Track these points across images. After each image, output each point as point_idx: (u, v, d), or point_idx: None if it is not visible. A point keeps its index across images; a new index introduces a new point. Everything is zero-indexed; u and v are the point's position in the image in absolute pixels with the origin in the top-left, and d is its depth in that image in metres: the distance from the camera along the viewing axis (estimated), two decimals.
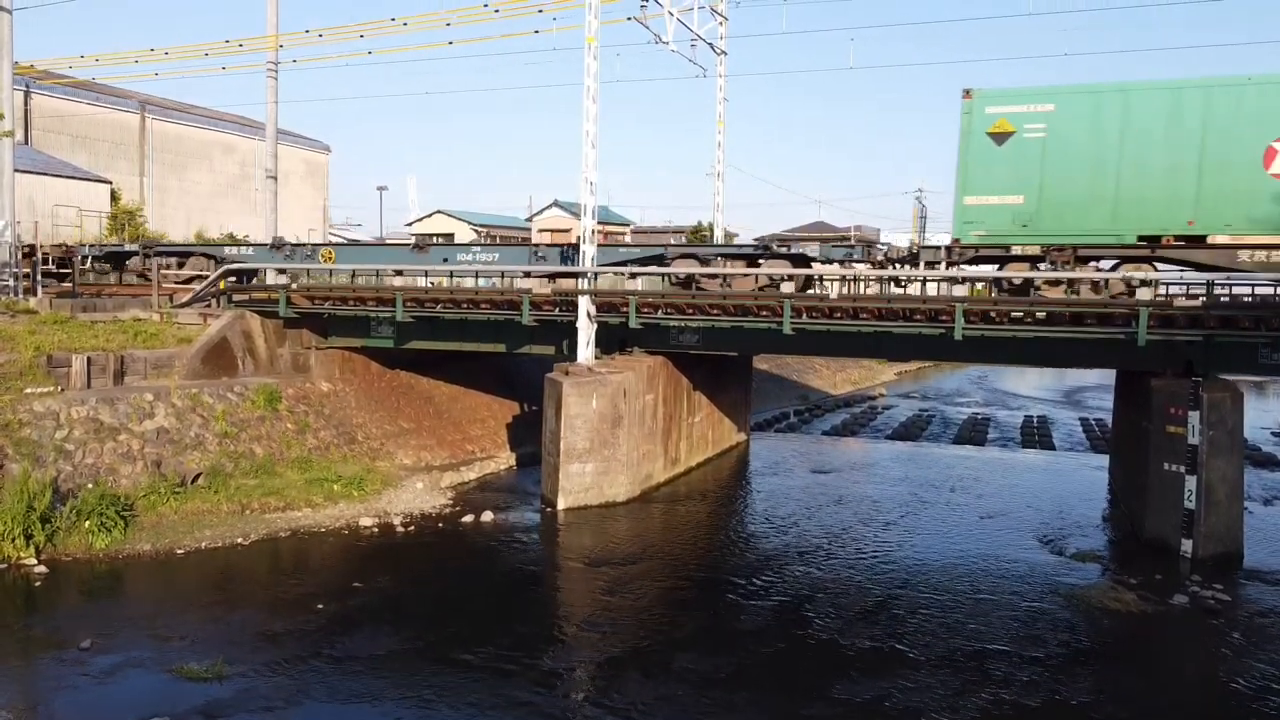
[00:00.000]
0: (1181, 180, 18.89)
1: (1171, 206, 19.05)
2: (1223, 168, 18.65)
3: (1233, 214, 18.70)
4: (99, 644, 12.29)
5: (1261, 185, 18.39)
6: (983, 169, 20.11)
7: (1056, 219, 19.65)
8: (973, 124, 20.14)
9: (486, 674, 11.84)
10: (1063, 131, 19.55)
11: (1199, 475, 17.25)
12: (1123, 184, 19.25)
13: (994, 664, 12.57)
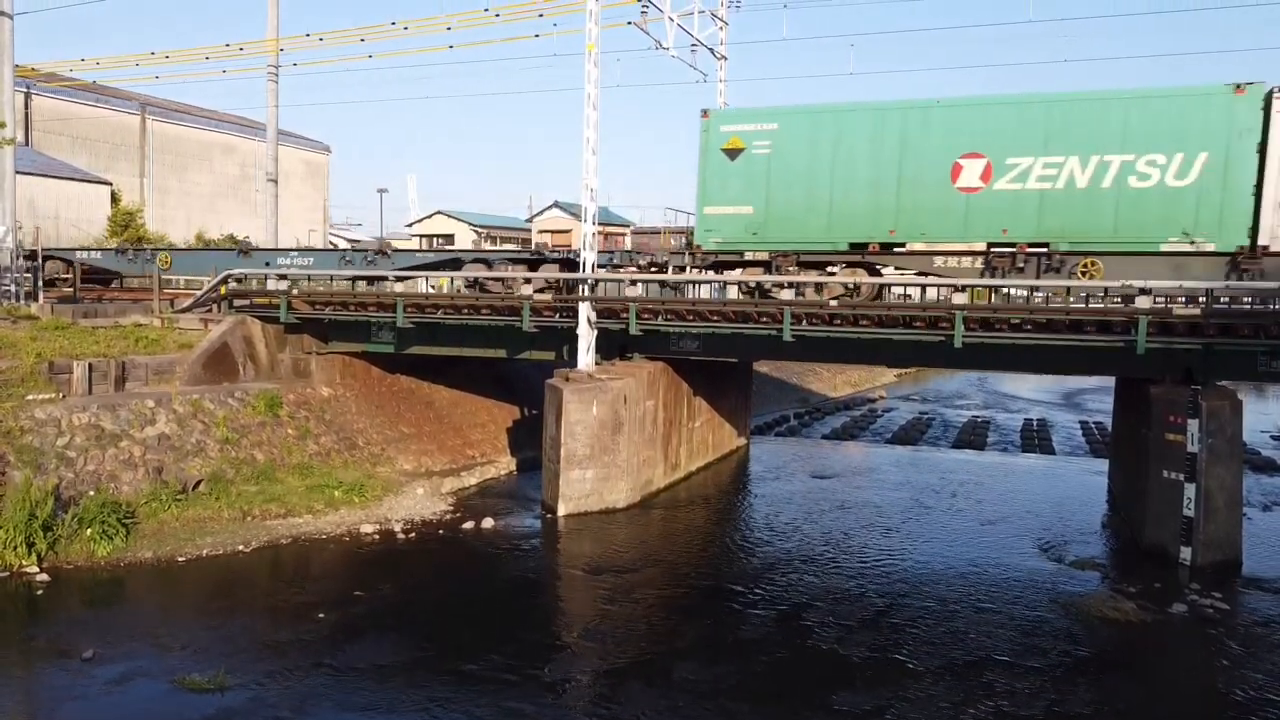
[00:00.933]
0: (884, 194, 20.92)
1: (876, 217, 21.03)
2: (917, 182, 20.65)
3: (926, 224, 20.72)
4: (101, 654, 12.33)
5: (950, 198, 20.43)
6: (719, 182, 22.09)
7: (781, 228, 21.63)
8: (710, 141, 22.13)
9: (488, 684, 11.88)
10: (785, 149, 21.51)
11: (1198, 483, 17.28)
12: (835, 197, 21.29)
13: (994, 674, 12.61)
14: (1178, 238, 18.99)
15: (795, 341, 20.12)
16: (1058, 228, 19.77)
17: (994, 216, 20.22)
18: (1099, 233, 19.56)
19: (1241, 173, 18.58)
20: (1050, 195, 19.80)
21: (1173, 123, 18.99)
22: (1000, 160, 20.07)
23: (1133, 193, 19.26)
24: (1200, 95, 18.89)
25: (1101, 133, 19.41)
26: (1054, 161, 19.69)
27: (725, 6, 27.59)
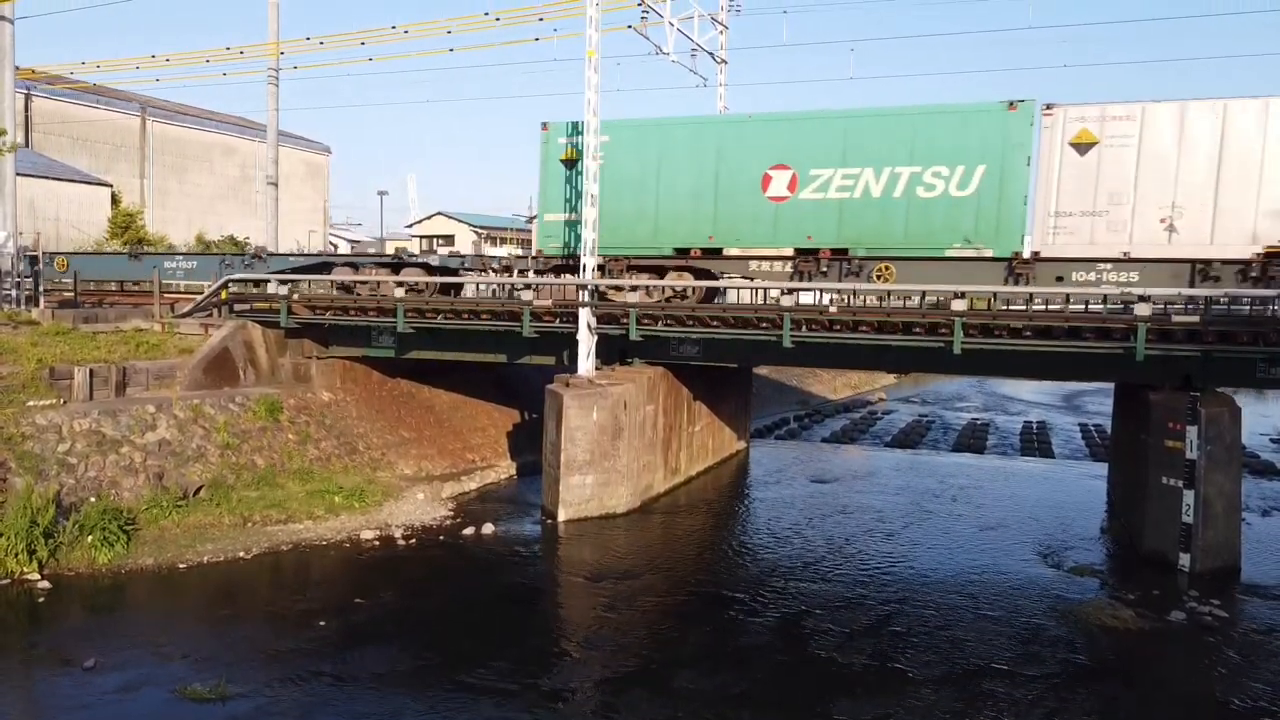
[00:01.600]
0: (703, 202, 22.26)
1: (696, 224, 22.38)
2: (732, 192, 21.99)
3: (741, 230, 22.07)
4: (103, 663, 12.36)
5: (761, 207, 21.80)
6: (557, 190, 23.50)
7: (613, 234, 22.70)
8: (549, 152, 23.55)
9: (489, 694, 11.92)
10: (616, 159, 22.54)
11: (1197, 490, 17.32)
12: (661, 205, 22.61)
13: (993, 682, 12.65)
14: (961, 244, 20.38)
15: (795, 347, 20.16)
16: (855, 235, 21.12)
17: (800, 224, 21.56)
18: (892, 239, 20.92)
19: (1015, 184, 20.03)
20: (849, 204, 21.18)
21: (955, 138, 20.35)
22: (805, 172, 21.41)
23: (921, 202, 20.64)
24: (978, 112, 20.26)
25: (893, 147, 20.73)
26: (851, 173, 21.07)
27: (725, 11, 27.62)
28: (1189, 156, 19.08)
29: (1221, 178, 18.87)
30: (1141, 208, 19.35)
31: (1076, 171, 19.75)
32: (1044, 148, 19.94)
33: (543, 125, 23.77)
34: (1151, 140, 19.26)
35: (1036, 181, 20.04)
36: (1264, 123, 18.65)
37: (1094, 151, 19.59)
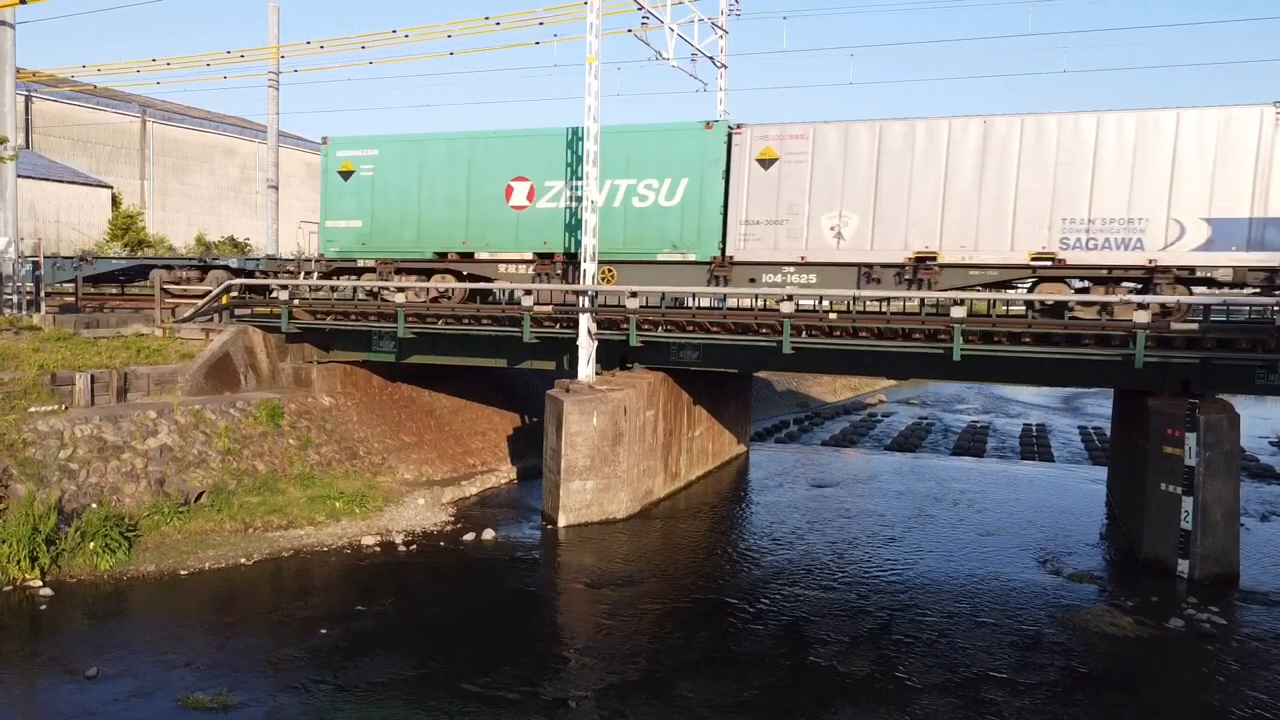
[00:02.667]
0: (457, 210, 24.39)
1: (452, 230, 24.48)
2: (482, 201, 24.15)
3: (489, 236, 24.23)
4: (105, 672, 12.40)
5: (505, 215, 23.98)
6: (336, 200, 25.63)
7: (383, 239, 25.19)
8: (328, 164, 25.85)
9: (489, 703, 11.95)
10: (384, 171, 25.13)
11: (1196, 496, 17.37)
12: (422, 212, 24.75)
13: (992, 690, 12.69)
14: (669, 250, 22.54)
15: (795, 353, 20.21)
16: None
17: (538, 231, 23.71)
18: (613, 245, 22.80)
19: (712, 196, 22.17)
20: (569, 211, 23.33)
21: (663, 154, 22.51)
22: (541, 183, 23.58)
23: (636, 211, 22.79)
24: (681, 130, 22.49)
25: (614, 161, 22.56)
26: (575, 185, 23.04)
27: (725, 16, 27.66)
28: (852, 172, 21.22)
29: (879, 192, 21.09)
30: (814, 217, 21.55)
31: (762, 185, 21.82)
32: (735, 163, 21.96)
33: (323, 140, 26.24)
34: (822, 157, 21.46)
35: (730, 193, 22.04)
36: (911, 142, 20.87)
37: (776, 167, 21.73)
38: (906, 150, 20.91)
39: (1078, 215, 19.87)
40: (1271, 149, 18.67)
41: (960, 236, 20.58)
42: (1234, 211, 18.92)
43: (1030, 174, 20.13)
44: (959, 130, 20.64)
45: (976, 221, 20.49)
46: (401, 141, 25.36)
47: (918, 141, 20.86)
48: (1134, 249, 19.52)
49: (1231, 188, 18.90)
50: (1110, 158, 19.64)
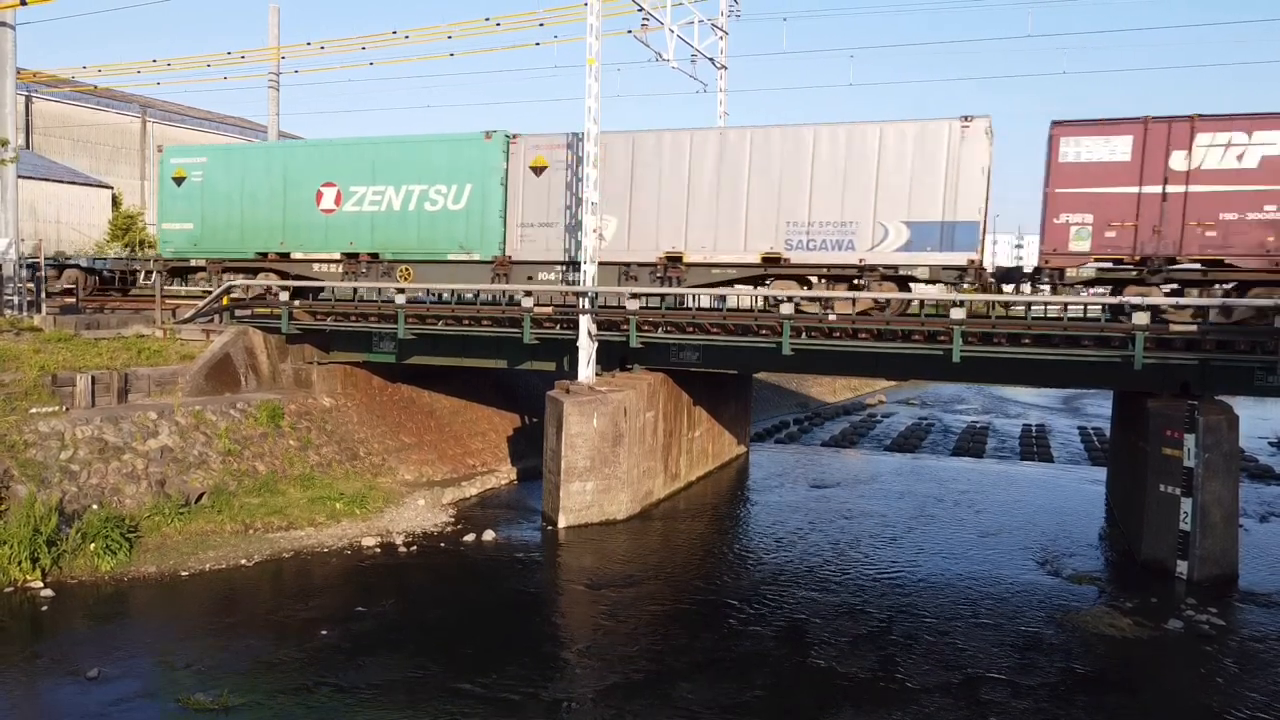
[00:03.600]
0: (275, 213, 26.15)
1: (272, 232, 26.24)
2: (296, 205, 25.91)
3: (303, 238, 25.95)
4: (106, 673, 12.42)
5: (316, 218, 25.77)
6: (171, 204, 27.30)
7: (212, 240, 26.83)
8: (164, 171, 27.41)
9: (489, 704, 11.98)
10: (212, 177, 26.86)
11: (1195, 498, 17.40)
12: (245, 216, 26.48)
13: (991, 691, 12.72)
14: (457, 250, 24.24)
15: (794, 354, 20.24)
16: (384, 242, 24.97)
17: (344, 232, 25.46)
18: (409, 246, 24.78)
19: (493, 200, 23.84)
20: (378, 216, 25.05)
21: (451, 161, 24.24)
22: (347, 189, 25.34)
23: (428, 215, 24.52)
24: (466, 140, 24.26)
25: (408, 168, 24.64)
26: (379, 190, 24.98)
27: (725, 17, 27.68)
28: (611, 180, 22.60)
29: (634, 197, 22.74)
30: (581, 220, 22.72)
31: (535, 190, 23.59)
32: (513, 171, 23.75)
33: (158, 148, 28.66)
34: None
35: (509, 198, 23.80)
36: (660, 152, 22.54)
37: (546, 174, 23.48)
38: (656, 159, 22.61)
39: (799, 219, 21.53)
40: (959, 159, 20.26)
41: (702, 238, 22.27)
42: (929, 216, 20.56)
43: (759, 182, 21.80)
44: (699, 141, 22.34)
45: (715, 225, 22.17)
46: (226, 150, 28.71)
47: (665, 152, 22.55)
48: (847, 250, 21.20)
49: (927, 194, 20.52)
50: (826, 167, 21.31)
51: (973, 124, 20.17)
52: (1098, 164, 19.62)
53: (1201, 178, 18.96)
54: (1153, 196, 19.24)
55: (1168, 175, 19.03)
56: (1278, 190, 18.56)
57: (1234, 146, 18.80)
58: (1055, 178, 19.92)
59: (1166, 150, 19.02)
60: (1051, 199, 19.95)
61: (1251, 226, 18.75)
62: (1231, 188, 18.83)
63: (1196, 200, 19.00)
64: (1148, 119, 19.21)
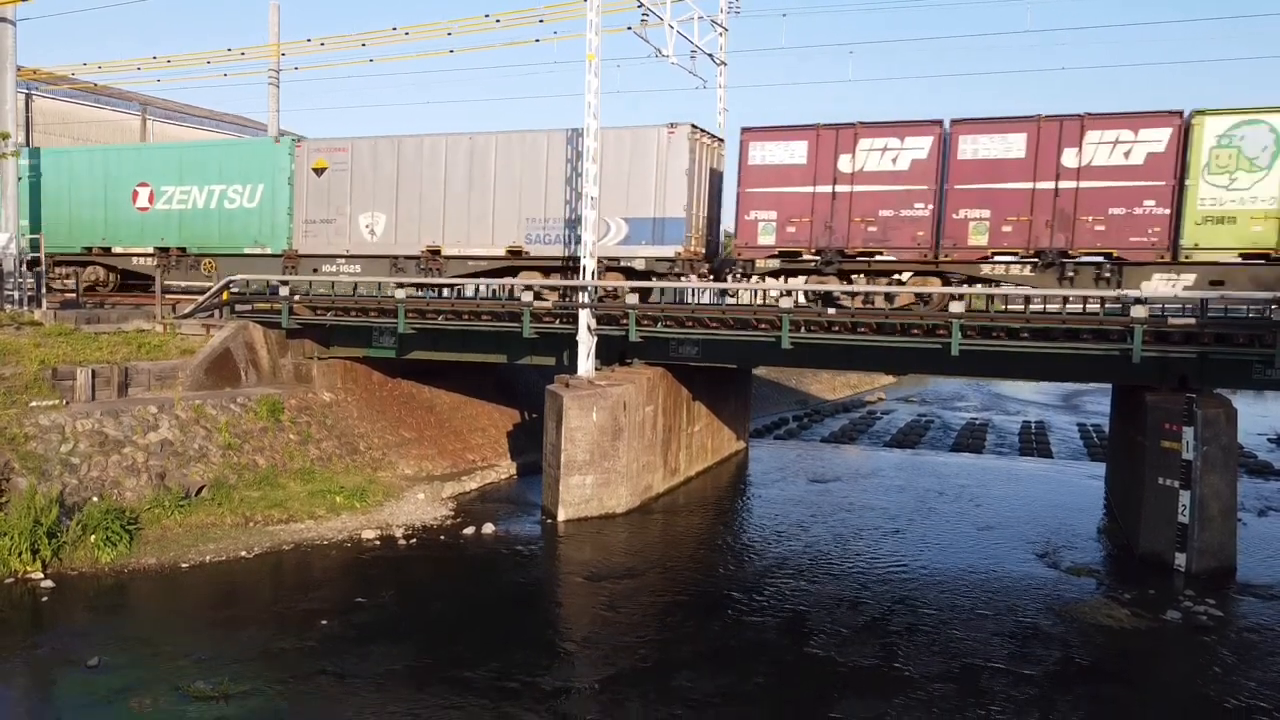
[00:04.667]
0: (98, 211, 28.87)
1: (94, 229, 29.01)
2: (115, 203, 28.61)
3: (122, 233, 28.77)
4: (106, 662, 12.46)
5: (132, 215, 28.43)
6: None
7: (50, 235, 28.82)
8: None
9: (490, 692, 12.02)
10: (46, 178, 29.43)
11: (1193, 490, 17.43)
12: (73, 213, 29.16)
13: (990, 681, 12.76)
14: (252, 245, 26.76)
15: (793, 348, 20.27)
16: (191, 237, 27.52)
17: (157, 229, 28.10)
18: (212, 241, 27.38)
19: (282, 199, 26.33)
20: (185, 214, 27.59)
21: (246, 163, 26.84)
22: (159, 188, 27.89)
23: (228, 213, 27.08)
24: (259, 144, 27.42)
25: (210, 170, 27.26)
26: (186, 190, 27.56)
27: (725, 13, 27.71)
28: (380, 180, 25.24)
29: (400, 196, 24.99)
30: (354, 217, 25.55)
31: (317, 190, 25.92)
32: (298, 172, 26.13)
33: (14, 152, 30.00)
34: (358, 167, 25.50)
35: (295, 197, 26.16)
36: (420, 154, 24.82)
37: (326, 175, 25.83)
38: (417, 161, 24.84)
39: (537, 216, 23.69)
40: (667, 162, 22.28)
41: (457, 233, 24.53)
42: (644, 213, 22.59)
43: (504, 183, 24.00)
44: (454, 145, 24.53)
45: (468, 221, 24.35)
46: (54, 153, 30.58)
47: (425, 154, 24.76)
48: (576, 244, 22.65)
49: (641, 193, 22.51)
50: (559, 168, 23.37)
51: (676, 130, 22.20)
52: (780, 166, 21.51)
53: (864, 179, 20.92)
54: (825, 195, 21.17)
55: (836, 177, 20.87)
56: (925, 190, 20.46)
57: (889, 151, 20.78)
58: (745, 179, 21.84)
59: (835, 154, 20.83)
60: (743, 198, 21.87)
61: (904, 222, 20.66)
62: (888, 187, 20.74)
63: (860, 199, 20.93)
64: (819, 126, 21.02)
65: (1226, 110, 18.59)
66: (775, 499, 23.56)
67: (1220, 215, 18.63)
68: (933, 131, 20.46)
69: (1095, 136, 19.37)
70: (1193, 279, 18.91)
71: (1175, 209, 18.89)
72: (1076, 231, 19.48)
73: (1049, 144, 19.65)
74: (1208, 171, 18.68)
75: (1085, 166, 19.39)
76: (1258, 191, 18.35)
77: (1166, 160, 18.93)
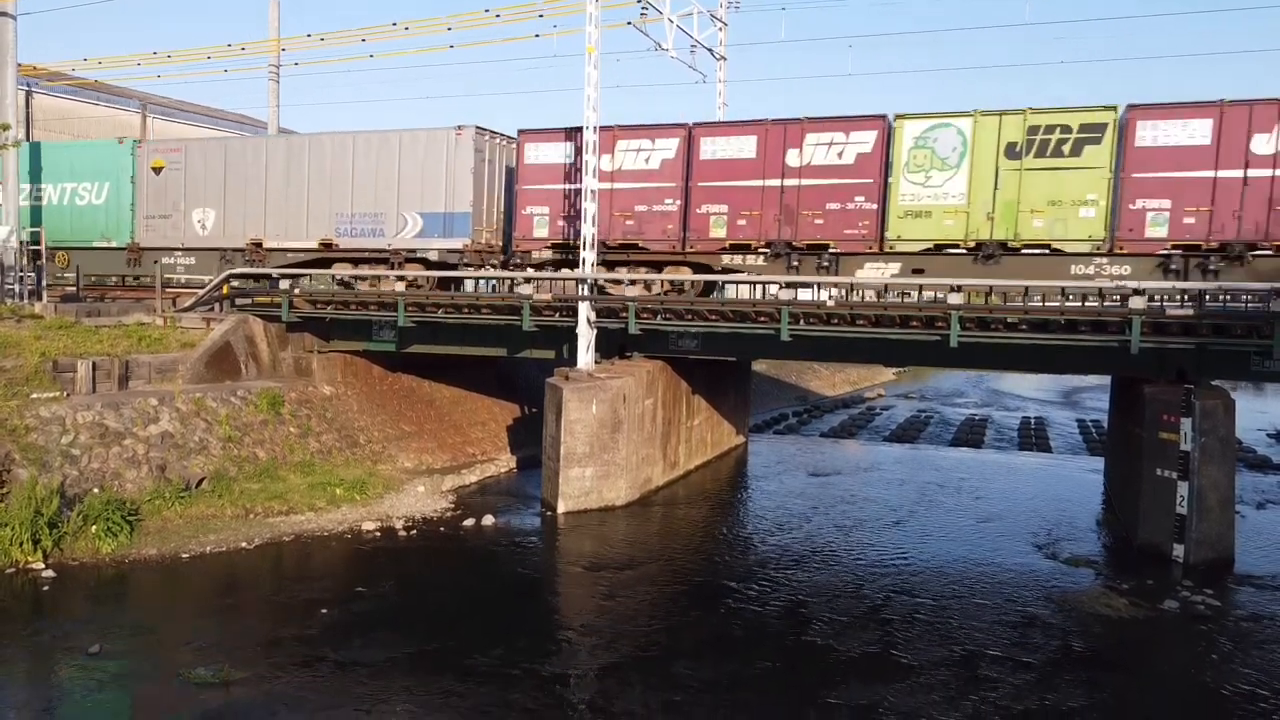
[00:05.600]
0: None
1: None
2: None
3: None
4: (107, 649, 12.50)
5: None
6: None
7: None
8: None
9: (490, 679, 12.06)
10: None
11: (1191, 482, 17.47)
12: None
13: (988, 669, 12.80)
14: (100, 238, 28.50)
15: (792, 340, 20.31)
16: (49, 231, 27.98)
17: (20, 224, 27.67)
18: (64, 235, 28.79)
19: (125, 196, 28.11)
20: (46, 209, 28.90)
21: (95, 163, 28.53)
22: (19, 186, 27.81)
23: (79, 209, 28.78)
24: (105, 146, 28.95)
25: (61, 169, 28.92)
26: (41, 188, 29.18)
27: (724, 7, 27.75)
28: (210, 178, 26.97)
29: (227, 193, 26.81)
30: (188, 212, 27.33)
31: (156, 188, 27.71)
32: (140, 171, 27.95)
33: None
34: (191, 166, 27.27)
35: (137, 194, 27.94)
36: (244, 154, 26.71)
37: (164, 174, 27.55)
38: (242, 161, 26.70)
39: (345, 211, 25.27)
40: (455, 162, 23.83)
41: (277, 227, 26.18)
42: (436, 208, 24.14)
43: (316, 180, 25.61)
44: (273, 146, 26.69)
45: (286, 216, 26.05)
46: None
47: (248, 155, 26.70)
48: (379, 237, 24.87)
49: (434, 191, 24.12)
50: (364, 167, 25.00)
51: (463, 132, 23.76)
52: (551, 165, 23.30)
53: (623, 177, 22.61)
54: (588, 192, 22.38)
55: (599, 175, 21.99)
56: (672, 187, 22.19)
57: (643, 151, 22.48)
58: (521, 176, 23.73)
59: (597, 154, 21.85)
60: (519, 194, 23.77)
61: (656, 217, 22.37)
62: (642, 185, 22.50)
63: (619, 195, 22.59)
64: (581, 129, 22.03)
65: (922, 115, 20.41)
66: (775, 492, 23.61)
67: (918, 210, 20.44)
68: (679, 134, 22.08)
69: (814, 139, 21.03)
70: (898, 268, 20.76)
71: (881, 204, 20.64)
72: (799, 225, 21.09)
73: (775, 146, 21.25)
74: (907, 170, 20.47)
75: (806, 166, 21.03)
76: (949, 188, 20.17)
77: (874, 160, 20.65)
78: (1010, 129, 19.75)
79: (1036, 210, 19.61)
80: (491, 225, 24.55)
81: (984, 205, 19.94)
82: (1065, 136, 19.38)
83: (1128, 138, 18.89)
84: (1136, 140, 18.84)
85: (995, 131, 19.84)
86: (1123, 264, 19.36)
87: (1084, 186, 19.27)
